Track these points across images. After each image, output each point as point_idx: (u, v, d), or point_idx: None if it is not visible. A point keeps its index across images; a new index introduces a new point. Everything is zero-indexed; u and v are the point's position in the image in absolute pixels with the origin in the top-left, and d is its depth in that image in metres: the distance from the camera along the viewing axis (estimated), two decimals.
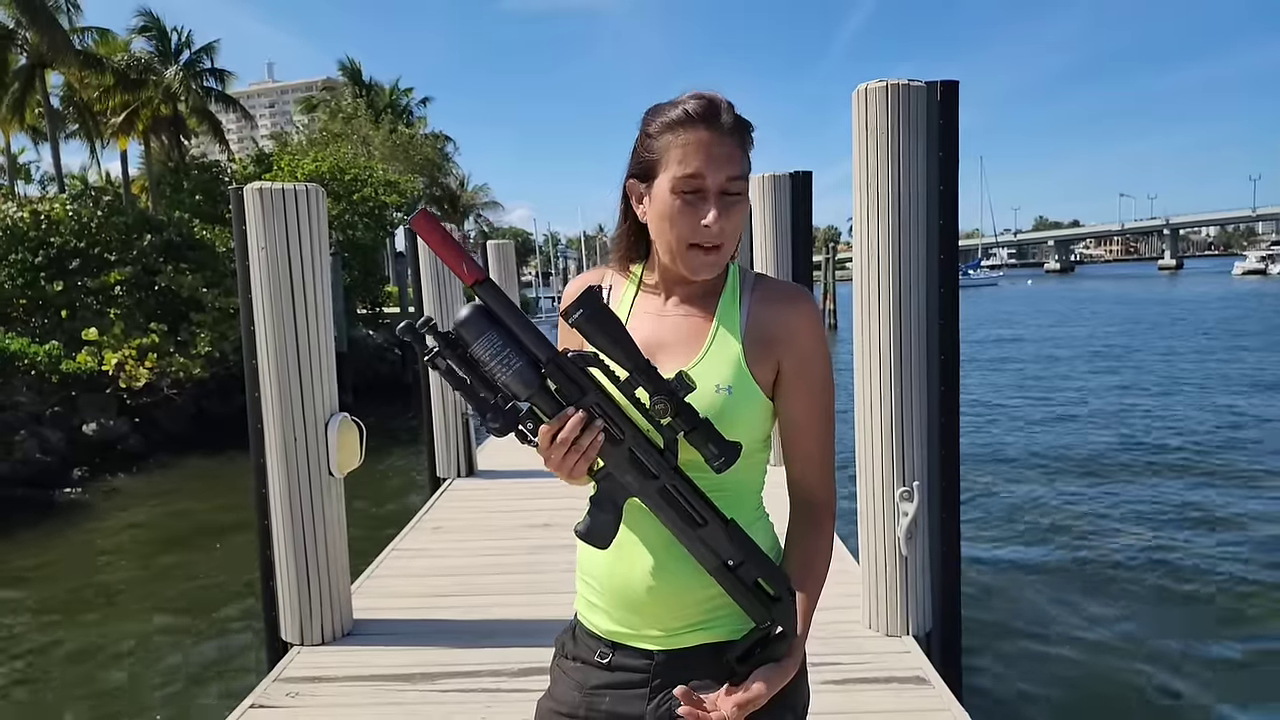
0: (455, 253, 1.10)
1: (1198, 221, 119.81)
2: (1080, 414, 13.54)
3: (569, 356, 1.12)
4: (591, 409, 1.13)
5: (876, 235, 3.49)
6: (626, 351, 1.11)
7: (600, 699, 1.32)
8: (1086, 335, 27.10)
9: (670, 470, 1.16)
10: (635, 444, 1.15)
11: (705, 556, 1.18)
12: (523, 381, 1.10)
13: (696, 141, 1.20)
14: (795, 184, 6.33)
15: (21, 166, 46.76)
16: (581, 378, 1.13)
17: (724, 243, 1.23)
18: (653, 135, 1.24)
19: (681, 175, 1.20)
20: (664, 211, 1.23)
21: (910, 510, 3.53)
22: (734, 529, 1.17)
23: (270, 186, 3.73)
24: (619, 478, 1.17)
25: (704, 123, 1.21)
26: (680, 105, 1.22)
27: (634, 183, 1.28)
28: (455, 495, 6.79)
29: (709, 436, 1.13)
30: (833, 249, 36.02)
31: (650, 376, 1.11)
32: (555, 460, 1.13)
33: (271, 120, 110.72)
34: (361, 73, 40.66)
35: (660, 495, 1.16)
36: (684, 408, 1.12)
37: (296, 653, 3.78)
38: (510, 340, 1.10)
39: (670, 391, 1.11)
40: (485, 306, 1.11)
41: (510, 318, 1.11)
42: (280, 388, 3.75)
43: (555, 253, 74.00)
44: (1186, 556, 6.95)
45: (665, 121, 1.23)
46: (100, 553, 8.65)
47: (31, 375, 12.07)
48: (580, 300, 1.11)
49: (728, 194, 1.22)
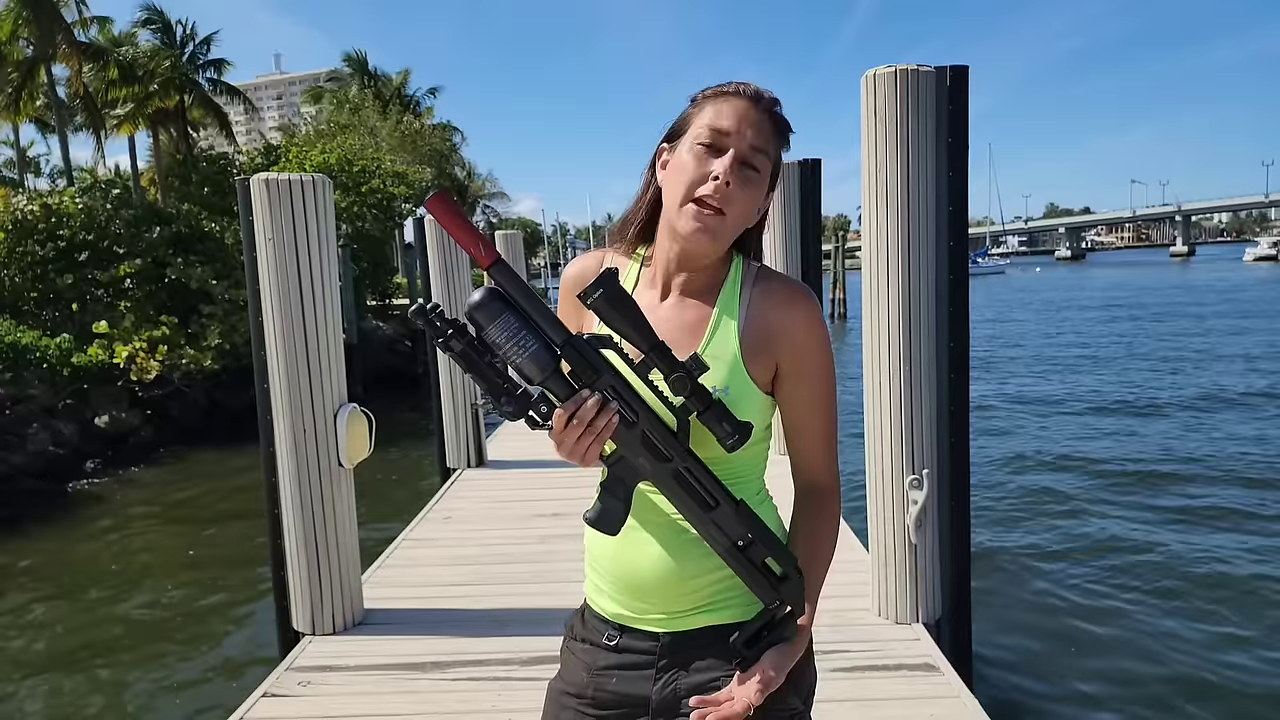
0: (470, 234, 1.09)
1: (1210, 208, 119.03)
2: (1093, 401, 13.49)
3: (584, 339, 1.12)
4: (606, 391, 1.12)
5: (886, 222, 3.47)
6: (642, 332, 1.11)
7: (607, 679, 1.34)
8: (1077, 335, 26.92)
9: (683, 452, 1.16)
10: (649, 426, 1.15)
11: (716, 538, 1.18)
12: (538, 364, 1.10)
13: (734, 105, 1.22)
14: (805, 172, 6.31)
15: (31, 160, 46.95)
16: (597, 359, 1.12)
17: (726, 210, 1.20)
18: (696, 104, 1.27)
19: (709, 125, 1.21)
20: (679, 164, 1.23)
21: (920, 498, 3.52)
22: (744, 509, 1.18)
23: (277, 177, 3.72)
24: (632, 460, 1.16)
25: (747, 97, 1.23)
26: (731, 82, 1.26)
27: (664, 146, 1.29)
28: (465, 485, 6.81)
29: (722, 415, 1.13)
30: (842, 237, 35.77)
31: (665, 357, 1.11)
32: (569, 443, 1.12)
33: (279, 112, 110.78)
34: (367, 63, 40.58)
35: (674, 478, 1.16)
36: (698, 388, 1.12)
37: (308, 642, 3.80)
38: (525, 323, 1.10)
39: (686, 370, 1.11)
40: (499, 289, 1.10)
41: (525, 300, 1.10)
42: (289, 379, 3.76)
43: (564, 243, 74.00)
44: (1201, 546, 6.91)
45: (711, 92, 1.26)
46: (113, 544, 8.70)
47: (43, 368, 12.12)
48: (599, 281, 1.10)
49: (747, 165, 1.21)
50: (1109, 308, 33.00)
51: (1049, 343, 22.17)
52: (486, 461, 7.48)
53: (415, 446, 11.47)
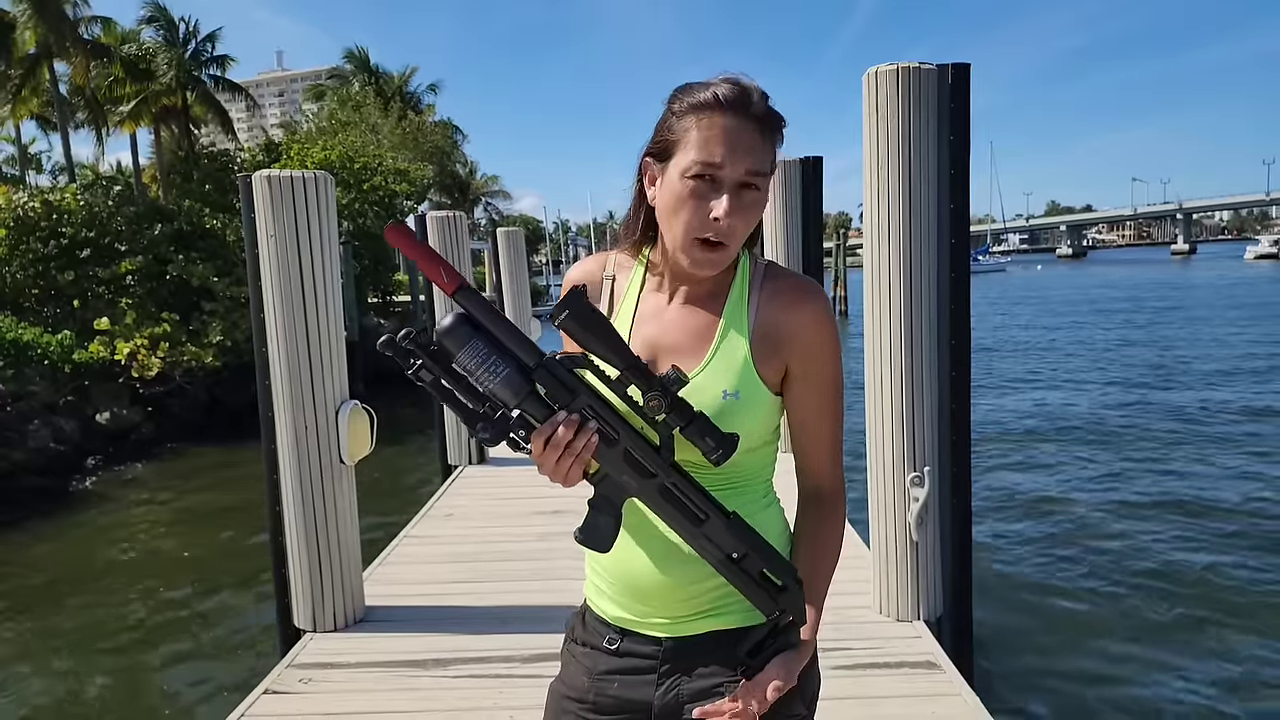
0: (432, 261, 1.06)
1: (1211, 206, 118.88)
2: (1096, 396, 13.49)
3: (557, 359, 1.10)
4: (584, 411, 1.10)
5: (887, 220, 3.47)
6: (615, 350, 1.08)
7: (609, 684, 1.31)
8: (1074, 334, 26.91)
9: (668, 467, 1.13)
10: (631, 443, 1.13)
11: (709, 551, 1.16)
12: (511, 388, 1.08)
13: (721, 127, 1.13)
14: (806, 169, 6.30)
15: (33, 157, 46.94)
16: (571, 380, 1.10)
17: (731, 242, 1.17)
18: (677, 114, 1.18)
19: (698, 160, 1.14)
20: (673, 198, 1.17)
21: (921, 495, 3.52)
22: (735, 522, 1.15)
23: (279, 174, 3.72)
24: (616, 478, 1.14)
25: (732, 109, 1.14)
26: (710, 88, 1.16)
27: (649, 161, 1.23)
28: (466, 482, 6.82)
29: (705, 430, 1.10)
30: (844, 235, 35.71)
31: (641, 373, 1.09)
32: (549, 465, 1.10)
33: (281, 109, 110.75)
34: (369, 60, 40.55)
35: (660, 494, 1.14)
36: (677, 403, 1.09)
37: (309, 639, 3.80)
38: (495, 346, 1.07)
39: (663, 387, 1.08)
40: (467, 314, 1.08)
41: (493, 323, 1.08)
42: (291, 375, 3.76)
43: (565, 240, 73.97)
44: (1205, 546, 6.90)
45: (692, 102, 1.16)
46: (114, 540, 8.70)
47: (44, 365, 12.13)
48: (565, 302, 1.08)
49: (744, 186, 1.15)
50: (1111, 309, 32.96)
51: (1050, 342, 22.16)
52: (488, 459, 7.48)
53: (416, 443, 11.49)
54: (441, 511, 5.97)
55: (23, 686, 5.49)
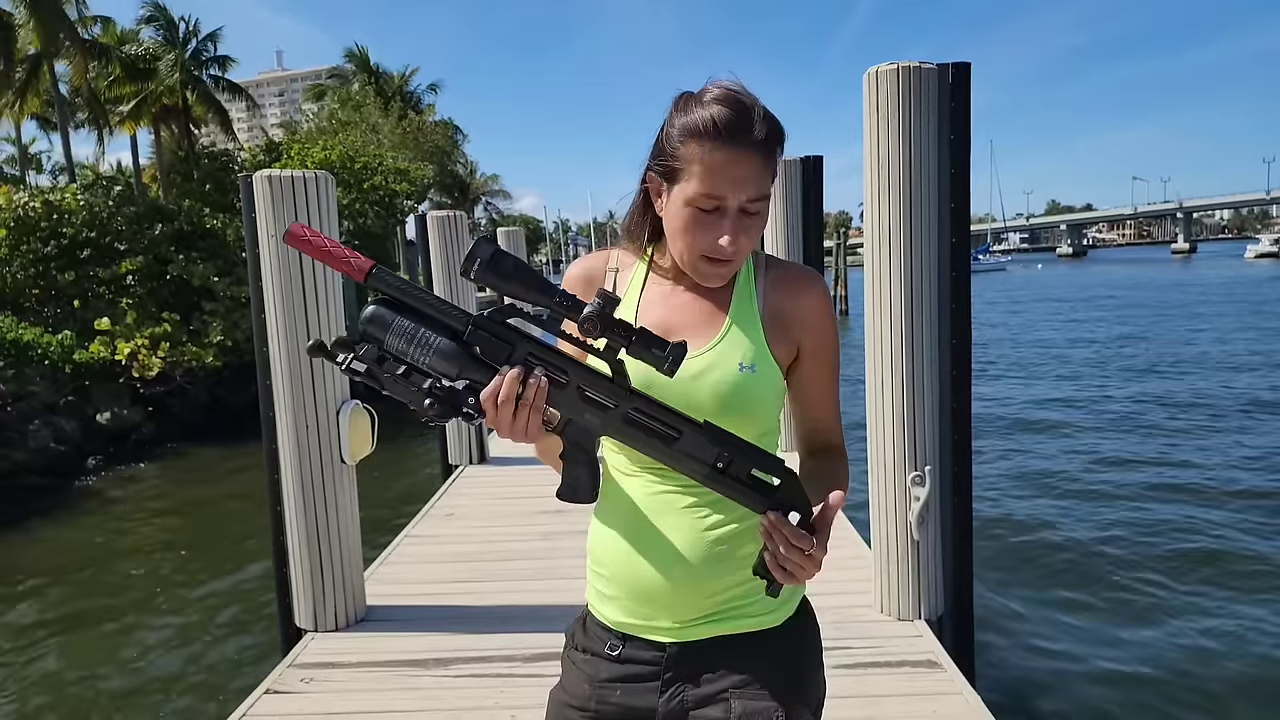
0: (337, 255, 1.03)
1: (1211, 205, 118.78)
2: (1100, 397, 13.49)
3: (487, 316, 1.06)
4: (526, 360, 1.07)
5: (888, 219, 3.46)
6: (537, 286, 1.04)
7: (610, 692, 1.30)
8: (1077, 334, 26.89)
9: (626, 394, 1.09)
10: (582, 380, 1.09)
11: (693, 468, 1.11)
12: (446, 357, 1.04)
13: (721, 161, 1.15)
14: (806, 169, 6.30)
15: (33, 157, 46.96)
16: (505, 332, 1.07)
17: (737, 259, 1.21)
18: (677, 137, 1.18)
19: (701, 193, 1.16)
20: (679, 222, 1.20)
21: (922, 495, 3.52)
22: (711, 427, 1.10)
23: (280, 174, 3.72)
24: (579, 421, 1.11)
25: (732, 139, 1.14)
26: (709, 110, 1.16)
27: (654, 176, 1.24)
28: (467, 482, 6.81)
29: (649, 341, 1.04)
30: (844, 234, 35.73)
31: (571, 304, 1.04)
32: (505, 423, 1.05)
33: (281, 109, 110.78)
34: (369, 59, 40.54)
35: (625, 423, 1.10)
36: (613, 322, 1.04)
37: (310, 639, 3.80)
38: (422, 319, 1.04)
39: (596, 310, 1.03)
40: (385, 296, 1.05)
41: (414, 298, 1.04)
42: (291, 375, 3.76)
43: (566, 240, 73.96)
44: (1208, 545, 6.89)
45: (691, 127, 1.16)
46: (115, 540, 8.71)
47: (45, 365, 12.14)
48: (473, 252, 1.02)
49: (747, 213, 1.19)
50: (1116, 307, 32.95)
51: (1053, 340, 22.16)
52: (489, 458, 7.48)
53: (417, 443, 11.48)
54: (442, 511, 5.97)
55: (23, 686, 5.49)
